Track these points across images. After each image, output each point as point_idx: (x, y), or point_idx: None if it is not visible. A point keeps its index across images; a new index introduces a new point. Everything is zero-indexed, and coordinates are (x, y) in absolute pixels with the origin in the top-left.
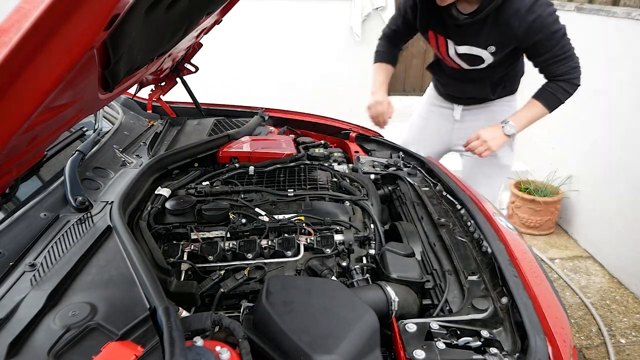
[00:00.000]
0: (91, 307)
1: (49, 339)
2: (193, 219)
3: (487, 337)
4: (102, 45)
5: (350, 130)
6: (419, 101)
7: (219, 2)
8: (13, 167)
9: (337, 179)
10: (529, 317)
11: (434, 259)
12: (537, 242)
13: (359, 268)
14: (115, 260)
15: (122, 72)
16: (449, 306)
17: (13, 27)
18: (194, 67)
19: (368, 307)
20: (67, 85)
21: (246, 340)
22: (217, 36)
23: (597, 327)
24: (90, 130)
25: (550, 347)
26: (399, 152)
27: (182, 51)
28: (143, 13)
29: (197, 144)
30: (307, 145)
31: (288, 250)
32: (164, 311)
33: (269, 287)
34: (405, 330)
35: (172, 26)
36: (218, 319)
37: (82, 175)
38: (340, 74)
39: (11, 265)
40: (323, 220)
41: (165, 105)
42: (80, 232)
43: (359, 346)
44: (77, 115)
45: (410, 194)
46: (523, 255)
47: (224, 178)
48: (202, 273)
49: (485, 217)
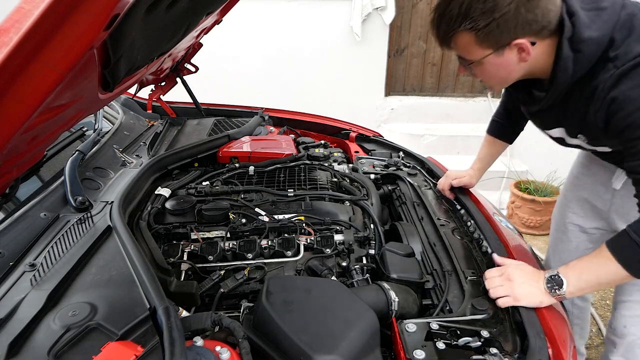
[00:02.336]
0: (91, 307)
1: (49, 339)
2: (193, 219)
3: (487, 337)
4: (102, 45)
5: (350, 130)
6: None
7: (219, 2)
8: (13, 167)
9: (337, 179)
10: (529, 317)
11: (434, 259)
12: (537, 242)
13: (359, 268)
14: (115, 260)
15: (122, 72)
16: (449, 306)
17: (13, 27)
18: (194, 67)
19: (368, 307)
20: (67, 85)
21: (246, 340)
22: (217, 36)
23: (597, 327)
24: (90, 130)
25: (550, 348)
26: (399, 152)
27: (182, 51)
28: (143, 13)
29: (197, 144)
30: (307, 145)
31: (288, 250)
32: (164, 311)
33: (269, 287)
34: (405, 330)
35: (172, 26)
36: (218, 319)
37: (82, 175)
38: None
39: (11, 265)
40: (323, 220)
41: (165, 105)
42: (80, 232)
43: (359, 346)
44: (77, 115)
45: (411, 194)
46: (523, 255)
47: (224, 178)
48: (202, 273)
49: (485, 217)
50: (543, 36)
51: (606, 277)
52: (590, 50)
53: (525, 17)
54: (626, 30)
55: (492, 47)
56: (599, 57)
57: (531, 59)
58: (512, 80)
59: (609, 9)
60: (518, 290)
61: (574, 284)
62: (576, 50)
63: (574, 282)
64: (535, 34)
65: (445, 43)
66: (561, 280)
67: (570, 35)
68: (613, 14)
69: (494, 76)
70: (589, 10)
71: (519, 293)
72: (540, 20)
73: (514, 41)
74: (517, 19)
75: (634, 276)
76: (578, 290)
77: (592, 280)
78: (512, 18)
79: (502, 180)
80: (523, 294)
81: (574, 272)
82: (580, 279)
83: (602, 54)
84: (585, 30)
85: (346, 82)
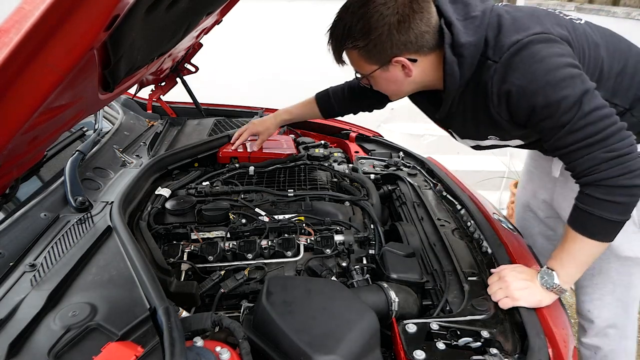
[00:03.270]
0: (91, 307)
1: (49, 339)
2: (193, 219)
3: (487, 337)
4: (103, 46)
5: (350, 130)
6: None
7: (219, 2)
8: (13, 168)
9: (337, 179)
10: (529, 318)
11: (434, 259)
12: None
13: (359, 268)
14: (115, 260)
15: (122, 73)
16: (449, 306)
17: (14, 27)
18: (194, 67)
19: (368, 308)
20: (68, 86)
21: (246, 341)
22: (217, 36)
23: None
24: (90, 130)
25: (550, 348)
26: (399, 152)
27: (182, 51)
28: (143, 13)
29: (197, 144)
30: (307, 145)
31: (288, 251)
32: (164, 311)
33: (269, 287)
34: (406, 330)
35: (172, 26)
36: (218, 319)
37: (82, 175)
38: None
39: (11, 266)
40: (323, 220)
41: (165, 105)
42: (81, 232)
43: (359, 346)
44: (77, 115)
45: (411, 194)
46: (523, 255)
47: (224, 178)
48: (202, 273)
49: (485, 217)
50: (424, 53)
51: (585, 254)
52: (470, 52)
53: (399, 38)
54: (496, 30)
55: (377, 64)
56: (479, 59)
57: (420, 72)
58: (405, 93)
59: (479, 16)
60: (515, 290)
61: (562, 273)
62: (458, 54)
63: (561, 271)
64: (414, 52)
65: (339, 59)
66: (551, 272)
67: (451, 42)
68: (483, 18)
69: (387, 89)
70: (463, 20)
71: (516, 293)
72: (414, 41)
73: (393, 58)
74: (391, 40)
75: (605, 241)
76: (569, 277)
77: (575, 262)
78: (386, 39)
79: (502, 180)
80: (520, 293)
81: (556, 261)
82: (565, 266)
83: (481, 56)
84: (463, 36)
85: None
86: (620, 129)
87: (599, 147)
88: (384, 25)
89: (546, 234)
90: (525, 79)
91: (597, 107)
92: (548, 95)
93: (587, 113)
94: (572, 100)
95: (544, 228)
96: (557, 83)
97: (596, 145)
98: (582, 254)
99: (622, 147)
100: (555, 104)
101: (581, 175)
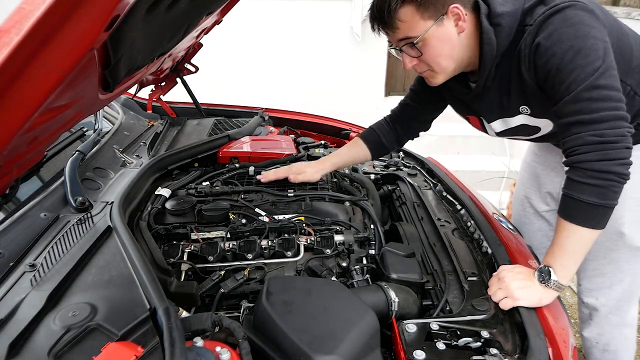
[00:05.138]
0: (91, 307)
1: (49, 339)
2: (193, 219)
3: (487, 337)
4: (103, 46)
5: (350, 130)
6: None
7: (219, 2)
8: (13, 168)
9: (337, 179)
10: (529, 318)
11: (434, 260)
12: None
13: (359, 268)
14: (115, 260)
15: (122, 73)
16: (449, 307)
17: (14, 27)
18: (194, 67)
19: (368, 308)
20: (68, 86)
21: (246, 341)
22: (217, 36)
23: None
24: (90, 131)
25: (550, 348)
26: (399, 152)
27: (182, 51)
28: (143, 13)
29: (197, 144)
30: (307, 145)
31: (288, 251)
32: (164, 311)
33: (269, 287)
34: (406, 330)
35: (172, 26)
36: (218, 319)
37: (82, 175)
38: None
39: (11, 266)
40: (323, 220)
41: (165, 105)
42: (81, 232)
43: (359, 346)
44: (78, 115)
45: (411, 194)
46: (523, 255)
47: (224, 178)
48: (202, 273)
49: (485, 217)
50: (468, 8)
51: (579, 244)
52: (507, 22)
53: None
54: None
55: (433, 17)
56: (517, 29)
57: (465, 37)
58: (456, 58)
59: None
60: (515, 290)
61: (559, 267)
62: (495, 24)
63: (558, 265)
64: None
65: (390, 23)
66: (548, 269)
67: (487, 12)
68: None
69: (440, 53)
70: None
71: (516, 292)
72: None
73: (450, 6)
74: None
75: (592, 228)
76: (567, 271)
77: (567, 253)
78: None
79: (502, 180)
80: (520, 293)
81: (553, 256)
82: (558, 258)
83: (519, 25)
84: (499, 7)
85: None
86: (618, 117)
87: (589, 128)
88: None
89: (544, 229)
90: (551, 39)
91: (606, 86)
92: (566, 59)
93: (594, 87)
94: (587, 71)
95: (543, 224)
96: (579, 50)
97: (587, 126)
98: (571, 243)
99: (611, 134)
100: (569, 70)
101: (566, 154)
